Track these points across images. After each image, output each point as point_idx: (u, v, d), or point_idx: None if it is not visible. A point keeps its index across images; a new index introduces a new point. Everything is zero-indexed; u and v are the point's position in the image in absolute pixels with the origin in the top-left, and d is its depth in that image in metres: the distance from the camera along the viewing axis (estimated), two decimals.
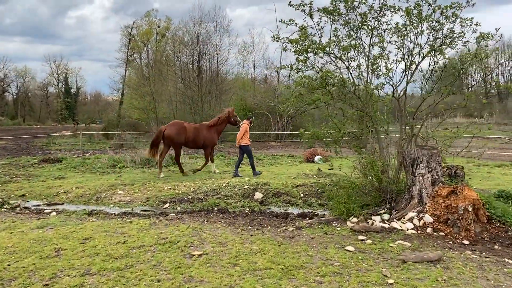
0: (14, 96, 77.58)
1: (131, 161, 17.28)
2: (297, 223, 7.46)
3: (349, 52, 7.51)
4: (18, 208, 10.48)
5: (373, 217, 7.03)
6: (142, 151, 18.70)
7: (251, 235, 6.54)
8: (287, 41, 8.05)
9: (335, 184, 10.01)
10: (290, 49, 8.11)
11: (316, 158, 17.96)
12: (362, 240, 6.25)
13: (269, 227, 7.36)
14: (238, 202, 10.51)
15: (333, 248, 5.93)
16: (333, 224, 7.18)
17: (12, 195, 12.58)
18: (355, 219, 7.05)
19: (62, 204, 11.42)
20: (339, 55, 7.62)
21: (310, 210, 9.38)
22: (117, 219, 8.28)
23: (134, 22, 58.50)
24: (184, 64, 41.18)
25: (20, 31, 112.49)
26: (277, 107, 33.47)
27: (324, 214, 8.82)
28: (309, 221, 7.41)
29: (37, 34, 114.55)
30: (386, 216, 7.03)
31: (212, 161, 15.02)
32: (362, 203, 7.37)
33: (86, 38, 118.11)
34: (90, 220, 8.25)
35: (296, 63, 8.08)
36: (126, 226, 7.29)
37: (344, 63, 7.72)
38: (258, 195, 10.88)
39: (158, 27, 56.43)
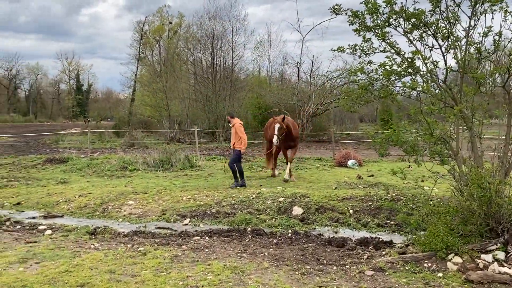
0: (26, 93, 76.71)
1: (143, 163, 15.41)
2: (372, 261, 5.47)
3: (454, 25, 5.51)
4: (7, 223, 8.63)
5: (482, 256, 5.04)
6: (155, 151, 16.87)
7: (320, 287, 4.57)
8: (350, 14, 6.06)
9: (409, 202, 8.01)
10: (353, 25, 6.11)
11: (350, 163, 15.92)
12: None
13: (334, 267, 5.39)
14: (274, 219, 8.57)
15: None
16: (426, 265, 5.19)
17: (6, 203, 10.79)
18: (458, 259, 5.06)
19: (62, 216, 9.59)
20: (432, 31, 5.63)
21: (371, 235, 7.40)
22: (127, 245, 6.37)
23: (146, 18, 56.94)
24: (198, 60, 39.43)
25: (34, 29, 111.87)
26: (297, 105, 31.45)
27: (392, 240, 6.83)
28: (389, 258, 5.42)
29: (51, 32, 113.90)
30: (500, 255, 5.04)
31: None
32: (460, 234, 5.38)
33: (99, 36, 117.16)
34: (92, 245, 6.35)
35: (363, 42, 6.10)
36: (138, 263, 5.36)
37: (438, 41, 5.73)
38: (297, 210, 8.92)
39: (171, 23, 54.82)
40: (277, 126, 11.95)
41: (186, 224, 8.57)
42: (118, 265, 5.28)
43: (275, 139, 11.86)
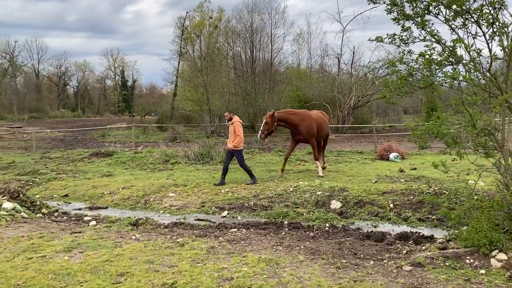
0: (75, 89, 79.85)
1: (184, 156, 15.72)
2: (411, 256, 5.33)
3: (500, 10, 5.22)
4: (55, 214, 9.08)
5: None
6: (196, 145, 17.17)
7: (355, 281, 4.50)
8: (388, 2, 5.87)
9: (452, 196, 7.73)
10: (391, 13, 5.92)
11: (392, 156, 15.52)
12: None
13: (371, 261, 5.29)
14: (312, 213, 8.52)
15: None
16: (467, 261, 4.99)
17: (55, 195, 11.35)
18: (503, 255, 4.84)
19: (106, 208, 9.96)
20: (475, 17, 5.36)
21: (411, 230, 7.20)
22: (166, 236, 6.53)
23: (187, 13, 57.62)
24: (237, 54, 39.62)
25: (82, 27, 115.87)
26: (337, 97, 30.97)
27: (433, 235, 6.62)
28: (428, 254, 5.26)
29: (97, 30, 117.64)
30: None
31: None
32: (505, 229, 5.13)
33: (142, 33, 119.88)
34: (133, 236, 6.56)
35: (402, 31, 5.90)
36: (176, 254, 5.49)
37: (481, 28, 5.45)
38: (335, 204, 8.82)
39: (211, 18, 55.21)
40: (264, 120, 11.74)
41: (224, 216, 8.69)
42: (156, 255, 5.44)
43: (259, 134, 11.79)
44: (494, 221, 5.11)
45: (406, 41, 6.12)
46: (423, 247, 5.86)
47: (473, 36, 5.55)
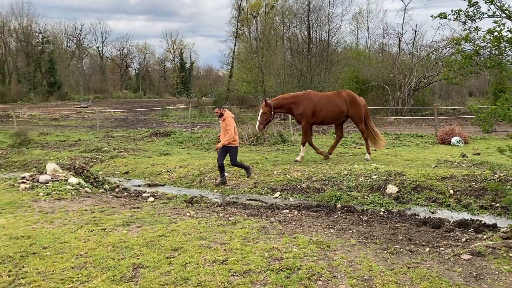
0: (136, 71, 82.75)
1: (238, 137, 15.88)
2: (471, 245, 5.08)
3: None
4: (116, 189, 9.56)
5: None
6: (250, 126, 17.28)
7: (408, 267, 4.36)
8: None
9: None
10: None
11: (454, 140, 14.77)
12: None
13: (427, 248, 5.10)
14: (366, 197, 8.34)
15: None
16: None
17: (116, 172, 11.94)
18: None
19: (163, 185, 10.35)
20: None
21: (472, 217, 6.85)
22: (219, 215, 6.68)
23: None
24: (293, 35, 39.09)
25: (143, 10, 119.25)
26: (397, 78, 29.77)
27: (496, 224, 6.27)
28: (490, 243, 4.99)
29: (157, 12, 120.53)
30: None
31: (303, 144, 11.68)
32: None
33: (200, 15, 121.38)
34: (187, 213, 6.77)
35: (468, 7, 5.50)
36: (228, 232, 5.59)
37: None
38: (391, 189, 8.57)
39: None
40: (260, 111, 11.16)
41: (276, 197, 8.72)
42: (209, 232, 5.57)
43: (257, 125, 11.32)
44: None
45: (473, 17, 5.72)
46: (484, 236, 5.56)
47: None
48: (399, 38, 34.17)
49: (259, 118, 11.20)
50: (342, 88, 35.92)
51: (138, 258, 4.68)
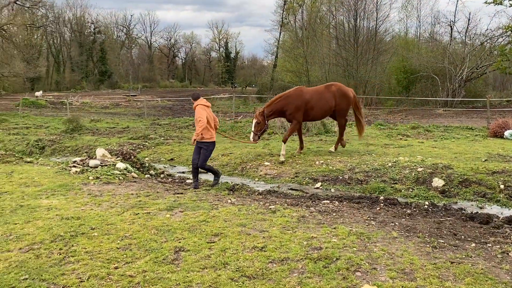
0: (183, 61, 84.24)
1: (281, 127, 15.92)
2: None
3: None
4: (161, 175, 9.84)
5: None
6: None
7: (452, 262, 4.23)
8: None
9: None
10: None
11: (507, 133, 14.04)
12: None
13: (473, 244, 4.91)
14: (410, 190, 8.13)
15: None
16: None
17: (162, 158, 12.29)
18: None
19: (206, 172, 10.48)
20: None
21: None
22: (259, 203, 6.73)
23: None
24: (340, 23, 38.34)
25: (191, 0, 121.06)
26: (447, 68, 28.57)
27: None
28: None
29: (205, 2, 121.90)
30: None
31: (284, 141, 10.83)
32: None
33: (247, 4, 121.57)
34: (228, 200, 6.88)
35: None
36: (267, 219, 5.64)
37: None
38: (437, 182, 8.29)
39: None
40: (254, 121, 10.48)
41: (317, 188, 8.67)
42: (249, 219, 5.64)
43: (251, 136, 10.52)
44: None
45: None
46: None
47: None
48: (451, 27, 32.77)
49: (253, 129, 10.48)
50: (390, 78, 35.03)
51: (180, 242, 4.82)
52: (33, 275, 4.15)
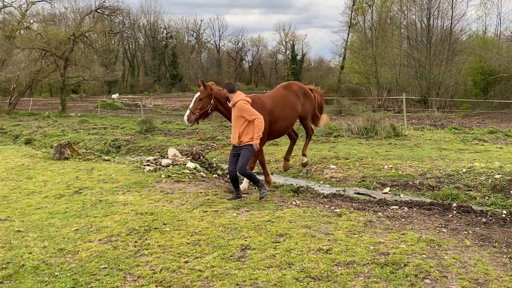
0: (249, 64, 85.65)
1: (347, 129, 15.64)
2: None
3: None
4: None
5: None
6: (360, 119, 16.87)
7: None
8: None
9: None
10: None
11: None
12: None
13: None
14: (487, 198, 7.67)
15: None
16: None
17: (227, 159, 12.57)
18: None
19: (271, 174, 10.63)
20: None
21: None
22: (324, 206, 6.70)
23: None
24: (412, 23, 36.96)
25: (258, 3, 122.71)
26: None
27: None
28: None
29: (271, 5, 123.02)
30: None
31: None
32: None
33: (314, 6, 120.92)
34: (293, 202, 6.92)
35: None
36: (333, 222, 5.61)
37: None
38: None
39: None
40: (196, 95, 7.44)
41: (386, 193, 8.45)
42: (314, 222, 5.64)
43: (186, 115, 7.36)
44: None
45: None
46: None
47: None
48: None
49: (190, 105, 7.40)
50: (465, 79, 33.13)
51: (246, 240, 4.95)
52: (111, 264, 4.47)
